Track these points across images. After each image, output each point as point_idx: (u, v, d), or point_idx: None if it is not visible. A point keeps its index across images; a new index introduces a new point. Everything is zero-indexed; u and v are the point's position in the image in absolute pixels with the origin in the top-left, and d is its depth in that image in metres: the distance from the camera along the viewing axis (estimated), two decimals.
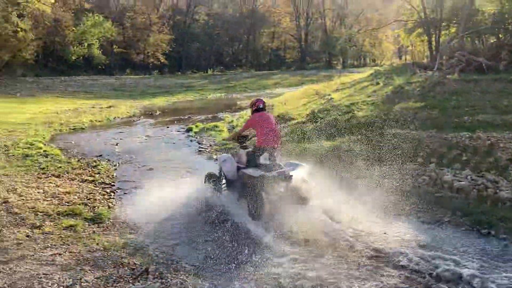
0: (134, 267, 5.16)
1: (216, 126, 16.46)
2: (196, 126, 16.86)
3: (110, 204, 7.46)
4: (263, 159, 6.98)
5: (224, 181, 7.51)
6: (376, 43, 69.98)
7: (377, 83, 17.52)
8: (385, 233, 6.03)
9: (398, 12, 38.06)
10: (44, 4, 39.45)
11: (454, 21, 26.01)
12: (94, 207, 7.21)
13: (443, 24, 26.80)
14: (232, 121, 18.46)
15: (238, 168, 7.19)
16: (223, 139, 13.55)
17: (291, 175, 6.58)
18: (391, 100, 13.72)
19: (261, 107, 7.35)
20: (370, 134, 10.49)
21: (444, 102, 12.32)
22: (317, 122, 12.79)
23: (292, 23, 71.81)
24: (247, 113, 19.60)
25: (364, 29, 63.56)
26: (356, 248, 5.57)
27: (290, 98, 21.58)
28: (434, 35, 26.96)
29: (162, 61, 58.72)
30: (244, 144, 7.64)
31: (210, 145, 13.46)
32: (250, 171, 6.71)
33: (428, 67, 20.42)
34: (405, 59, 62.58)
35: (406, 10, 32.35)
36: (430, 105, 12.16)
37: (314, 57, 73.09)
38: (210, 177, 7.62)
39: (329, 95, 17.74)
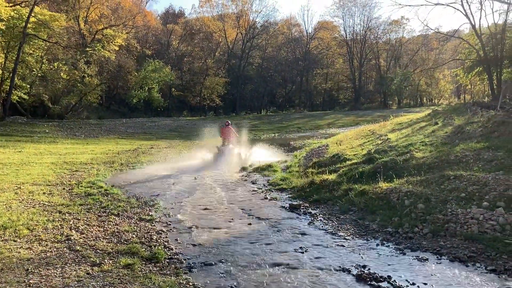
0: None
1: (270, 166, 16.48)
2: (250, 166, 16.98)
3: (166, 243, 7.53)
4: (227, 143, 19.14)
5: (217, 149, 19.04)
6: (432, 82, 68.57)
7: (436, 123, 16.96)
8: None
9: (456, 51, 37.26)
10: (109, 51, 42.06)
11: None
12: (151, 246, 7.31)
13: (505, 62, 25.90)
14: (286, 160, 18.42)
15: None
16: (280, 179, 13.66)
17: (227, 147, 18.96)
18: (452, 141, 13.17)
19: (226, 124, 19.93)
20: (430, 176, 10.07)
21: (509, 142, 11.66)
22: (373, 163, 12.48)
23: (345, 64, 72.14)
24: (301, 153, 19.62)
25: (420, 68, 62.65)
26: None
27: (345, 138, 21.34)
28: (495, 74, 26.05)
29: (217, 102, 60.47)
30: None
31: (264, 185, 13.44)
32: (219, 146, 19.21)
33: (490, 106, 19.60)
34: (464, 98, 60.69)
35: (464, 49, 31.64)
36: (494, 145, 11.54)
37: (368, 97, 72.63)
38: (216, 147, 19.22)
39: (386, 135, 17.36)
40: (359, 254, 7.06)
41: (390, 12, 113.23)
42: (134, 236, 7.83)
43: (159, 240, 7.65)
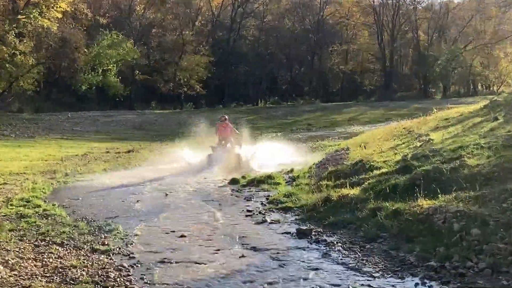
0: None
1: (271, 177, 16.43)
2: (243, 178, 16.94)
3: (128, 283, 7.50)
4: (224, 143, 20.97)
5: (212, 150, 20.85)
6: (490, 62, 68.61)
7: (495, 119, 17.00)
8: None
9: None
10: (49, 19, 41.46)
11: None
12: (108, 287, 7.28)
13: None
14: (292, 169, 18.42)
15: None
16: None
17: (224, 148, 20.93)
18: None
19: (223, 119, 21.97)
20: (488, 191, 10.10)
21: None
22: (410, 172, 12.52)
23: (372, 39, 72.04)
24: (313, 159, 19.65)
25: (474, 44, 62.72)
26: None
27: (371, 139, 21.39)
28: None
29: (198, 90, 60.03)
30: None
31: (263, 203, 13.40)
32: (213, 146, 20.94)
33: None
34: None
35: None
36: None
37: (403, 83, 72.77)
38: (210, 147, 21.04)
39: (427, 135, 17.42)
40: None
41: None
42: (84, 273, 7.80)
43: (118, 280, 7.61)
